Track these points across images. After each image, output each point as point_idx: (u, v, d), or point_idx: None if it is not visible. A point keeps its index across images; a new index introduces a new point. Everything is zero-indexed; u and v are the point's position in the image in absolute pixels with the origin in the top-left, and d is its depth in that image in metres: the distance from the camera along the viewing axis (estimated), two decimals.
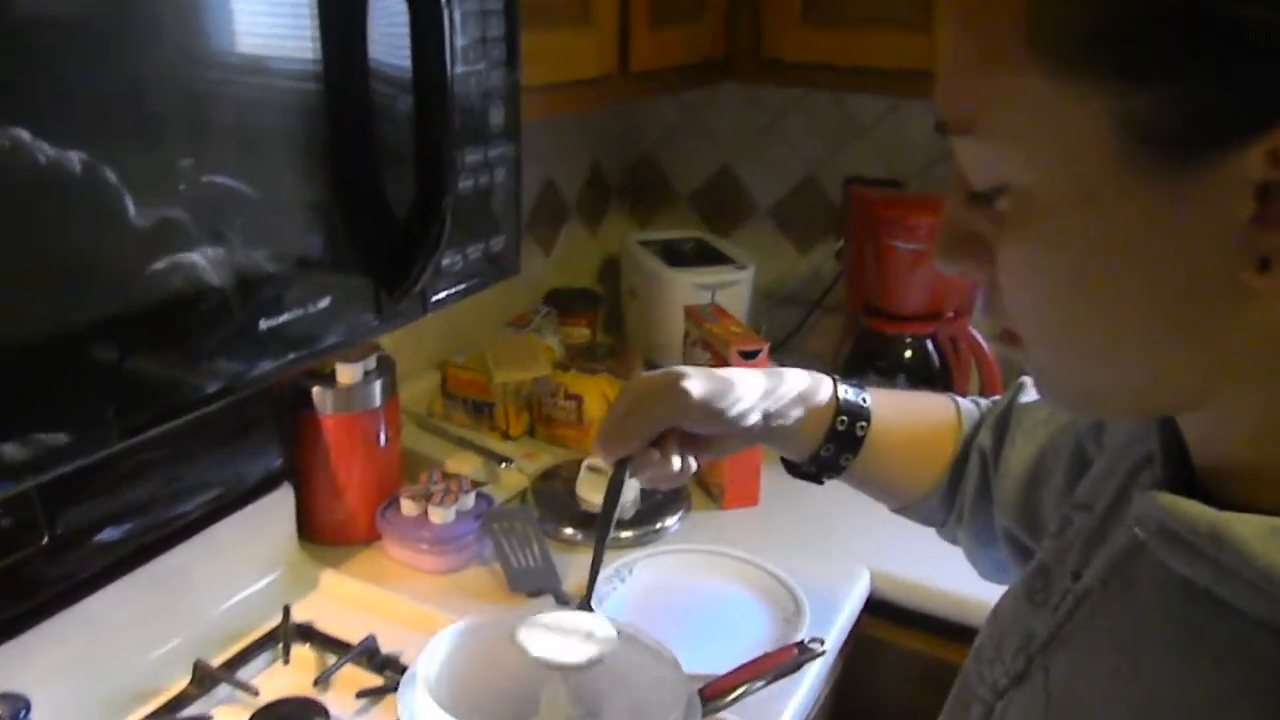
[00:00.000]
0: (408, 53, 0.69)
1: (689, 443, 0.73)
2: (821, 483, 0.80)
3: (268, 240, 0.65)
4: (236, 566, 1.05)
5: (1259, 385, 0.38)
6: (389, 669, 0.96)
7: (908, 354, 1.40)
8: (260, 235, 0.64)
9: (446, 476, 1.17)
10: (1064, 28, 0.35)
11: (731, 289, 1.59)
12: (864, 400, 0.77)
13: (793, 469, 0.81)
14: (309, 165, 0.67)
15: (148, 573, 0.95)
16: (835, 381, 0.77)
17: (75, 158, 0.52)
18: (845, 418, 0.75)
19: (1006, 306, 0.43)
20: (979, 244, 0.42)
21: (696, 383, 0.70)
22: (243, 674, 0.95)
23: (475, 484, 1.18)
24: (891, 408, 0.78)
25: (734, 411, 0.71)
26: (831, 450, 0.76)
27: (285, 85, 0.65)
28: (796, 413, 0.74)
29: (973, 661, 0.58)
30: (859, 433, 0.75)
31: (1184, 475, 0.45)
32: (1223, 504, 0.38)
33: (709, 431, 0.72)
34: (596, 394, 1.36)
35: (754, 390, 0.72)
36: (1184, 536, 0.39)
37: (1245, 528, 0.36)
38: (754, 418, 0.72)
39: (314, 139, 0.67)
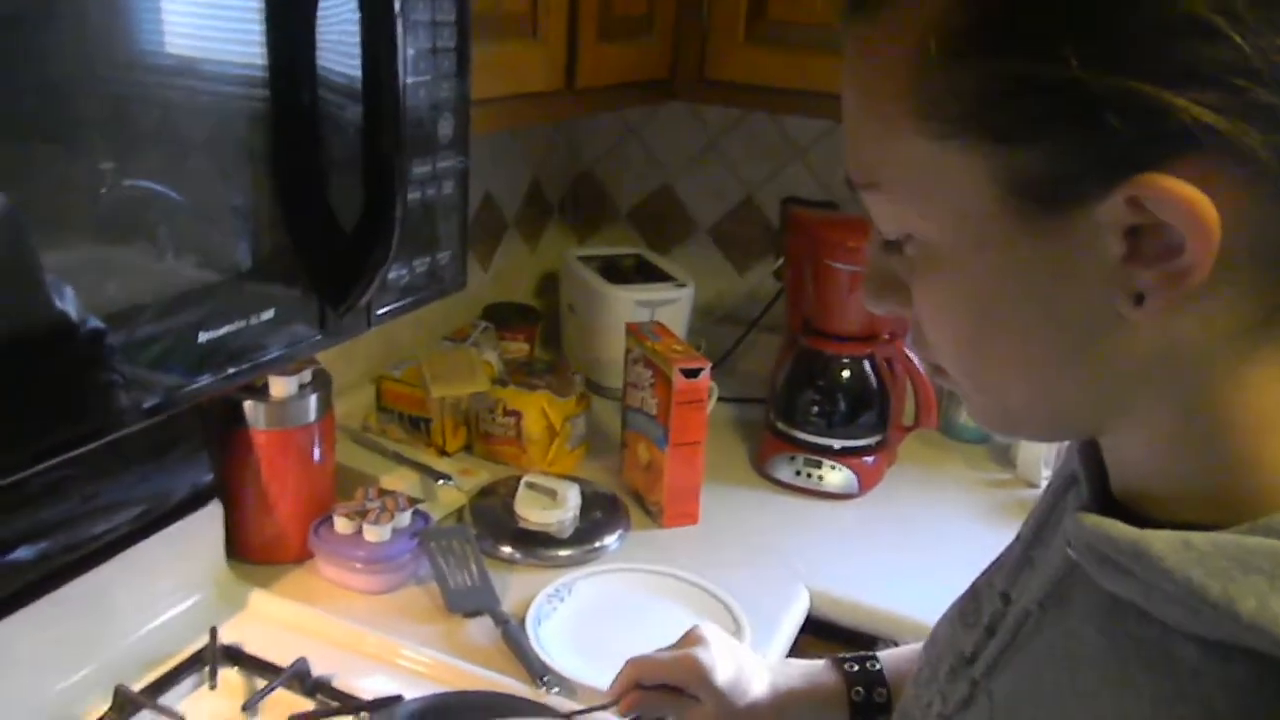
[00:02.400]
0: (358, 61, 0.67)
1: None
2: None
3: (209, 250, 0.63)
4: (161, 587, 1.01)
5: (1154, 406, 0.42)
6: (320, 693, 0.93)
7: (845, 373, 1.41)
8: (201, 245, 0.62)
9: (382, 493, 1.14)
10: (944, 99, 0.39)
11: (672, 306, 1.59)
12: (873, 665, 0.79)
13: None
14: (253, 173, 0.65)
15: (64, 595, 0.90)
16: (841, 661, 0.80)
17: None
18: (860, 689, 0.77)
19: (927, 340, 0.47)
20: (899, 285, 0.46)
21: (721, 671, 0.77)
22: (166, 699, 0.91)
23: (412, 501, 1.15)
24: (902, 656, 0.80)
25: (743, 704, 0.77)
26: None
27: (231, 91, 0.63)
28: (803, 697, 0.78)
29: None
30: (879, 699, 0.77)
31: (1106, 496, 0.47)
32: (1144, 521, 0.41)
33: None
34: (535, 410, 1.35)
35: (761, 682, 0.78)
36: (1110, 555, 0.41)
37: (1160, 543, 0.39)
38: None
39: (259, 147, 0.65)
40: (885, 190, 0.43)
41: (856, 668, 0.78)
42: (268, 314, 0.67)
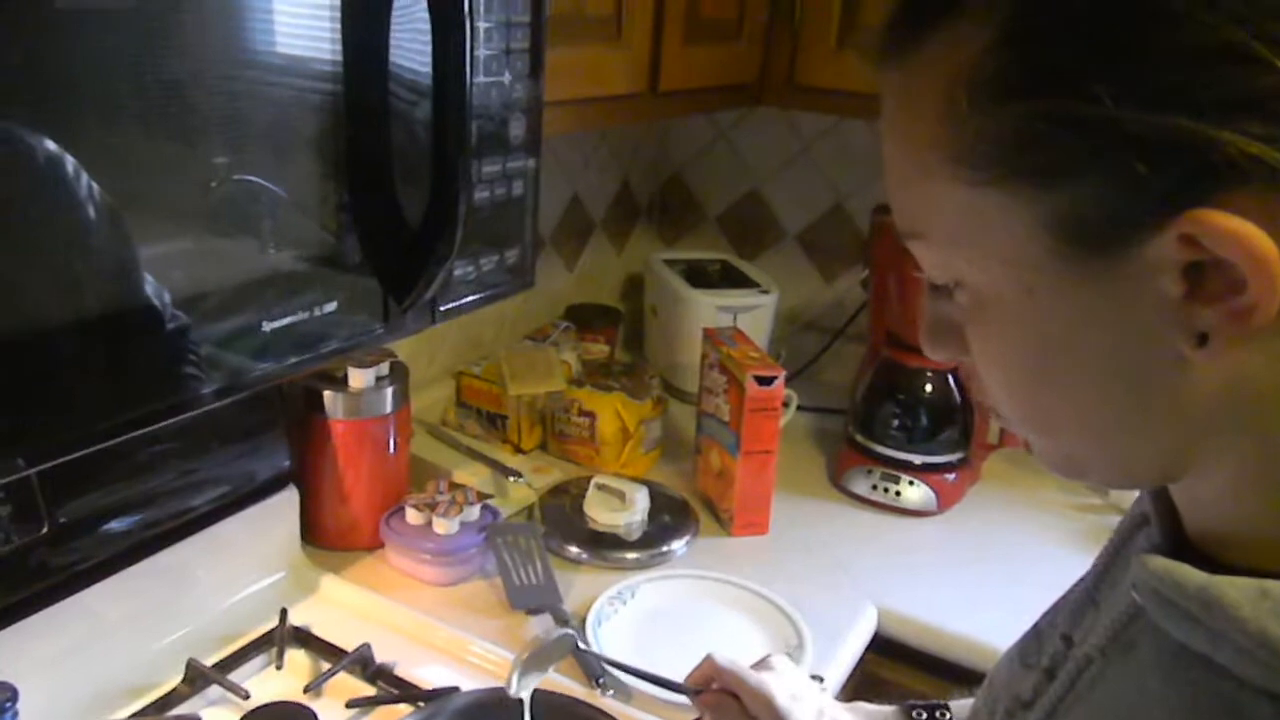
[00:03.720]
0: (429, 60, 0.69)
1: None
2: None
3: (273, 240, 0.64)
4: (238, 566, 1.05)
5: (1227, 447, 0.39)
6: (381, 679, 0.95)
7: (928, 387, 1.37)
8: (265, 236, 0.64)
9: (453, 487, 1.16)
10: (979, 143, 0.38)
11: (754, 312, 1.58)
12: (944, 714, 0.77)
13: None
14: (321, 167, 0.67)
15: (149, 567, 0.95)
16: (910, 708, 0.78)
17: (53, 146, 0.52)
18: None
19: (985, 386, 0.45)
20: (956, 330, 0.45)
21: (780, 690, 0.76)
22: (235, 675, 0.94)
23: (482, 496, 1.17)
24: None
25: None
26: None
27: (304, 85, 0.65)
28: None
29: None
30: None
31: (1180, 537, 0.45)
32: (1217, 567, 0.38)
33: None
34: (610, 411, 1.35)
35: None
36: (1176, 601, 0.39)
37: (1234, 591, 0.37)
38: None
39: (329, 140, 0.67)
40: (930, 239, 0.43)
41: (925, 716, 0.76)
42: (330, 305, 0.68)
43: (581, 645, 0.90)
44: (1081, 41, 0.35)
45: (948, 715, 0.76)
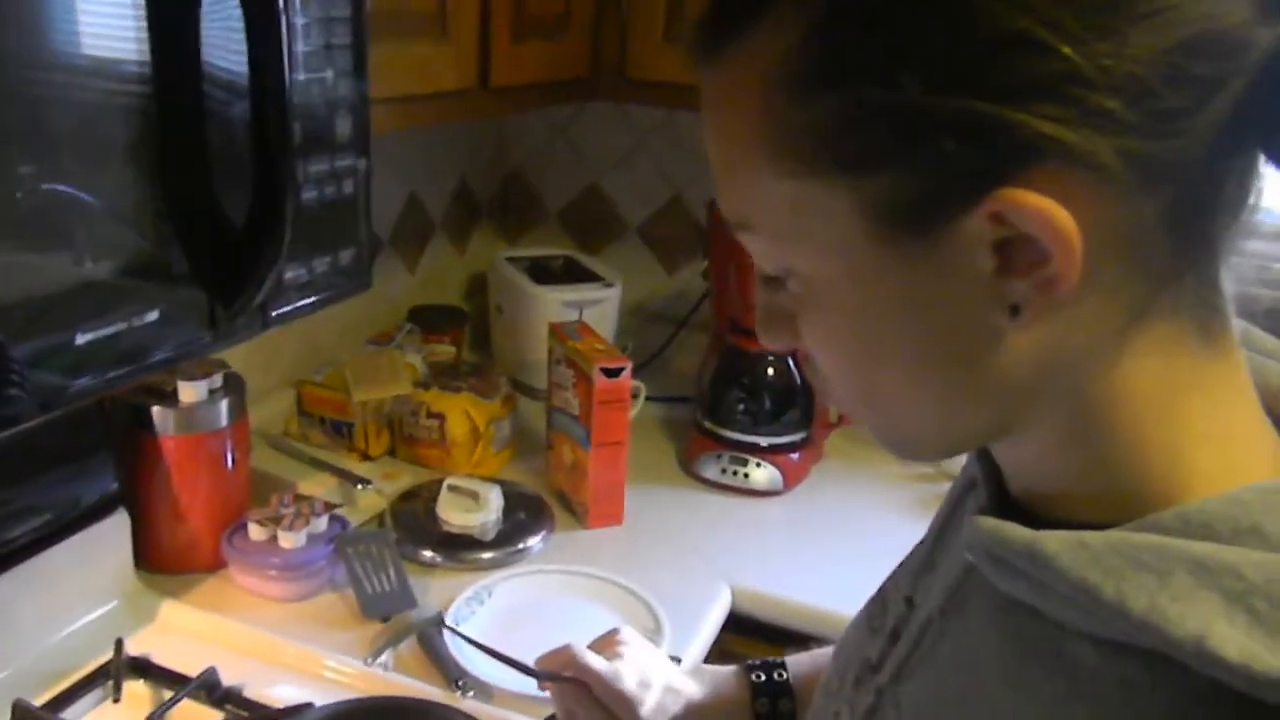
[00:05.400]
0: (244, 57, 0.66)
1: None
2: None
3: (87, 250, 0.61)
4: (66, 598, 0.98)
5: (1044, 412, 0.42)
6: (230, 703, 0.92)
7: (770, 371, 1.42)
8: (77, 244, 0.60)
9: (298, 499, 1.12)
10: (796, 138, 0.39)
11: (599, 306, 1.59)
12: (780, 674, 0.78)
13: None
14: (135, 172, 0.64)
15: None
16: (749, 669, 0.79)
17: None
18: (765, 699, 0.77)
19: (820, 371, 0.47)
20: (789, 319, 0.46)
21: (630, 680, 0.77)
22: (68, 713, 0.89)
23: (329, 506, 1.14)
24: (812, 663, 0.80)
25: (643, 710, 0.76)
26: None
27: (111, 88, 0.62)
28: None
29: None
30: (784, 710, 0.77)
31: (1006, 498, 0.47)
32: (1040, 522, 0.40)
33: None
34: (459, 412, 1.34)
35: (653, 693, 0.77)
36: (1004, 557, 0.41)
37: (1055, 543, 0.38)
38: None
39: (142, 144, 0.63)
40: (758, 230, 0.43)
41: (763, 677, 0.78)
42: (152, 315, 0.65)
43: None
44: (885, 33, 0.37)
45: (783, 674, 0.78)
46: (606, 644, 0.82)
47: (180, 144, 0.65)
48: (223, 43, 0.66)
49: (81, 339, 0.61)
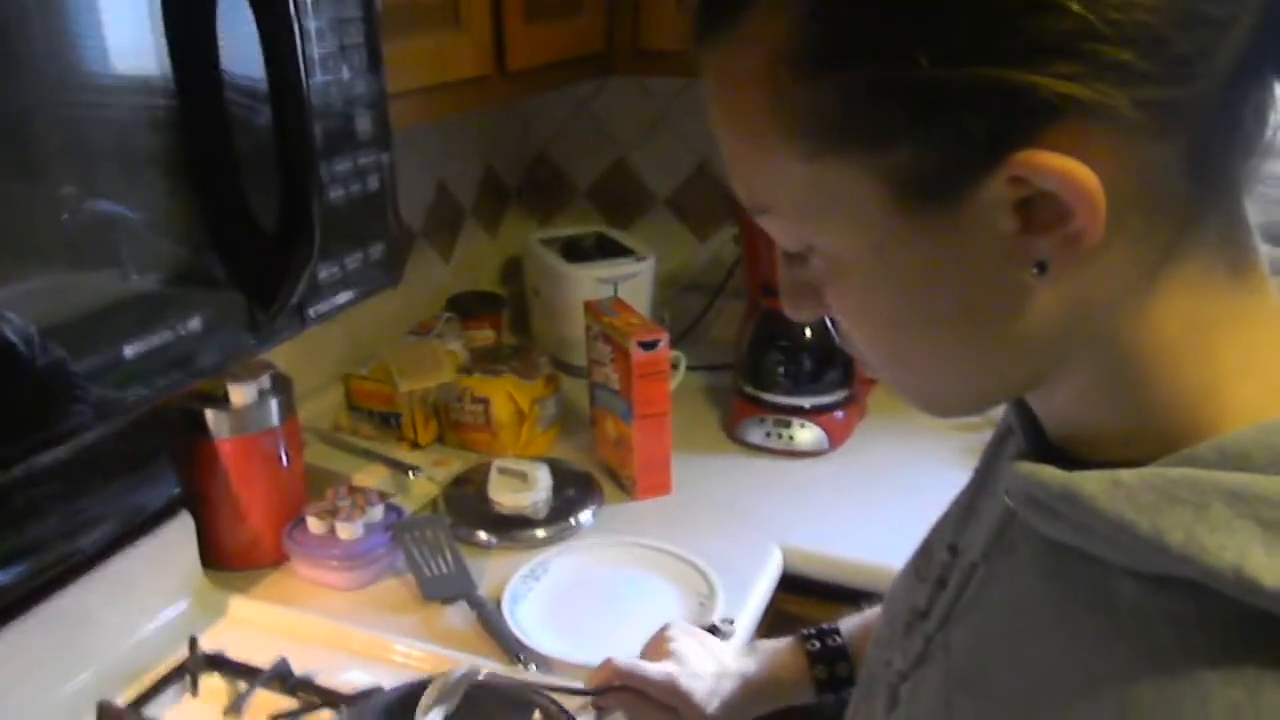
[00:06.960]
0: (261, 65, 0.68)
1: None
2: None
3: (129, 261, 0.63)
4: (140, 601, 1.02)
5: (1075, 361, 0.42)
6: (302, 691, 0.95)
7: (808, 333, 1.42)
8: (120, 256, 0.62)
9: (353, 491, 1.15)
10: (806, 116, 0.39)
11: (633, 280, 1.60)
12: (834, 640, 0.80)
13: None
14: (168, 183, 0.65)
15: (45, 613, 0.92)
16: (805, 638, 0.81)
17: None
18: (822, 666, 0.79)
19: (850, 340, 0.47)
20: (814, 291, 0.46)
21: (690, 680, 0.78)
22: (150, 710, 0.92)
23: (383, 496, 1.16)
24: (865, 624, 0.81)
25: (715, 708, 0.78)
26: (833, 694, 0.79)
27: (139, 102, 0.63)
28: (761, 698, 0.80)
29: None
30: (841, 674, 0.78)
31: (1043, 443, 0.48)
32: (1078, 465, 0.41)
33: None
34: (502, 395, 1.36)
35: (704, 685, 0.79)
36: (1043, 500, 0.41)
37: (1090, 484, 0.39)
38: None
39: (169, 155, 0.65)
40: (777, 212, 0.44)
41: (818, 645, 0.79)
42: (195, 322, 0.67)
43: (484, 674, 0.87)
44: (888, 8, 0.37)
45: (838, 639, 0.79)
46: (656, 646, 0.84)
47: (208, 153, 0.67)
48: (240, 52, 0.68)
49: (129, 351, 0.63)
